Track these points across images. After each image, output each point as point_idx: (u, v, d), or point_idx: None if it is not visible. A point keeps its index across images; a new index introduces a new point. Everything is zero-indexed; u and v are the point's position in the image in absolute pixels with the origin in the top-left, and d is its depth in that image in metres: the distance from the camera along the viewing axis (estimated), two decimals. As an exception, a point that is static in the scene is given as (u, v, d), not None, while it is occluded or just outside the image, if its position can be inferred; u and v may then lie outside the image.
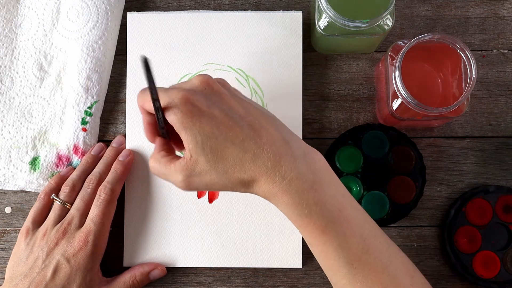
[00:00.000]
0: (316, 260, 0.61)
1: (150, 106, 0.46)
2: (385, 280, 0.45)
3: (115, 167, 0.59)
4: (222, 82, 0.49)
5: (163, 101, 0.45)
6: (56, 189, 0.59)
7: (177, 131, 0.45)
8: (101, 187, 0.57)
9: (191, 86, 0.46)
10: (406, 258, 0.48)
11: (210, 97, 0.45)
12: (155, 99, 0.44)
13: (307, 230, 0.45)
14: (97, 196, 0.57)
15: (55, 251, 0.55)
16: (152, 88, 0.43)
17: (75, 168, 0.60)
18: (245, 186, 0.45)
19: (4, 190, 0.62)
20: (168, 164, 0.46)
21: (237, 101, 0.46)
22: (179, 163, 0.45)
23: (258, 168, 0.44)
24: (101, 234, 0.56)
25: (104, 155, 0.60)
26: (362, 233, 0.45)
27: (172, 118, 0.45)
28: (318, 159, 0.46)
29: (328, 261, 0.46)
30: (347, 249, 0.45)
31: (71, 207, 0.57)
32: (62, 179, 0.59)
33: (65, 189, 0.58)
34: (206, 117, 0.44)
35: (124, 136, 0.61)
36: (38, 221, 0.58)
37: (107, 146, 0.61)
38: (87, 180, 0.58)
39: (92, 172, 0.59)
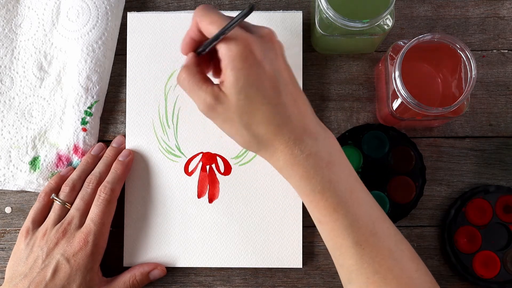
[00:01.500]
0: (316, 260, 0.61)
1: (207, 27, 0.46)
2: (391, 264, 0.46)
3: (115, 167, 0.59)
4: (281, 46, 0.49)
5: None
6: (56, 189, 0.59)
7: (222, 65, 0.46)
8: (101, 187, 0.57)
9: (256, 33, 0.47)
10: (410, 246, 0.49)
11: (267, 52, 0.46)
12: (223, 32, 0.45)
13: (318, 206, 0.46)
14: (97, 196, 0.57)
15: (55, 251, 0.55)
16: (232, 24, 0.44)
17: (75, 168, 0.60)
18: (260, 146, 0.47)
19: (4, 190, 0.62)
20: (201, 82, 0.47)
21: (286, 68, 0.48)
22: (212, 88, 0.47)
23: (282, 136, 0.46)
24: (101, 234, 0.56)
25: (104, 155, 0.60)
26: (371, 216, 0.47)
27: (224, 51, 0.45)
28: (334, 143, 0.48)
29: (337, 240, 0.47)
30: (357, 229, 0.46)
31: (71, 207, 0.57)
32: (62, 179, 0.59)
33: (65, 189, 0.58)
34: (256, 67, 0.45)
35: (124, 136, 0.61)
36: (38, 221, 0.58)
37: (107, 146, 0.61)
38: (87, 180, 0.58)
39: (92, 172, 0.59)
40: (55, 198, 0.58)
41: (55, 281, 0.54)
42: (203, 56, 0.50)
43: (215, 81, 0.49)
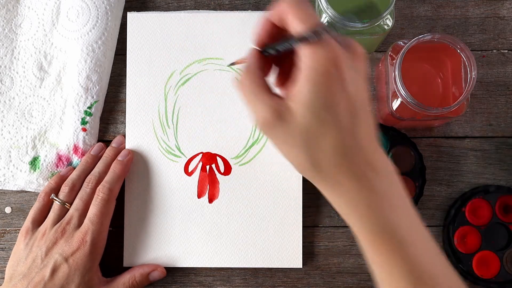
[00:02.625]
0: (316, 260, 0.61)
1: (295, 23, 0.39)
2: None
3: (114, 167, 0.59)
4: (366, 69, 0.42)
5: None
6: (56, 189, 0.59)
7: (299, 75, 0.39)
8: (100, 187, 0.57)
9: (346, 46, 0.40)
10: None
11: (354, 71, 0.40)
12: (316, 35, 0.37)
13: (377, 248, 0.41)
14: (95, 196, 0.57)
15: (53, 250, 0.55)
16: (326, 28, 0.37)
17: (75, 168, 0.60)
18: (319, 175, 0.41)
19: (4, 190, 0.62)
20: (263, 90, 0.40)
21: (367, 93, 0.41)
22: (276, 101, 0.40)
23: (346, 169, 0.40)
24: (99, 233, 0.56)
25: (103, 155, 0.60)
26: (433, 263, 0.42)
27: (307, 59, 0.38)
28: (398, 180, 0.43)
29: (394, 285, 0.42)
30: (417, 276, 0.41)
31: (70, 207, 0.57)
32: (62, 179, 0.59)
33: (64, 189, 0.58)
34: (338, 86, 0.38)
35: (124, 136, 0.61)
36: (38, 221, 0.58)
37: (107, 146, 0.61)
38: (86, 180, 0.58)
39: (92, 172, 0.59)
40: (54, 198, 0.58)
41: (53, 281, 0.53)
42: (267, 58, 0.43)
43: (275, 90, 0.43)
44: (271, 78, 0.44)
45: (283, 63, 0.43)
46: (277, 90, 0.42)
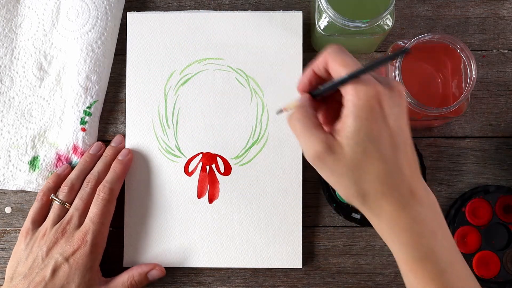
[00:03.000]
0: (316, 260, 0.61)
1: (337, 68, 0.43)
2: None
3: (114, 166, 0.59)
4: (405, 103, 0.46)
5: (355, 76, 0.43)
6: (54, 188, 0.59)
7: (344, 112, 0.43)
8: (100, 187, 0.57)
9: (385, 83, 0.44)
10: None
11: (394, 106, 0.43)
12: (355, 75, 0.42)
13: (417, 275, 0.44)
14: (96, 195, 0.57)
15: (54, 250, 0.55)
16: (370, 67, 0.42)
17: (72, 167, 0.60)
18: (364, 203, 0.44)
19: (4, 190, 0.62)
20: (314, 126, 0.44)
21: (408, 126, 0.44)
22: (325, 135, 0.43)
23: (391, 198, 0.43)
24: (100, 233, 0.56)
25: (103, 155, 0.60)
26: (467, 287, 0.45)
27: (351, 98, 0.42)
28: (438, 209, 0.45)
29: None
30: None
31: (70, 206, 0.57)
32: (60, 178, 0.60)
33: (64, 189, 0.58)
34: (381, 121, 0.42)
35: (124, 135, 0.61)
36: (38, 221, 0.58)
37: (106, 146, 0.61)
38: (86, 180, 0.58)
39: (91, 172, 0.59)
40: (54, 198, 0.58)
41: (54, 281, 0.54)
42: (315, 99, 0.47)
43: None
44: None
45: (330, 103, 0.47)
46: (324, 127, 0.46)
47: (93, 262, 0.55)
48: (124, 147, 0.61)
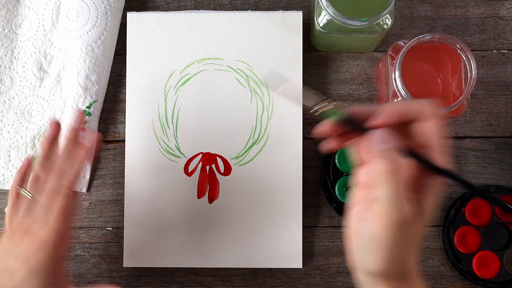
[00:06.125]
0: (316, 260, 0.61)
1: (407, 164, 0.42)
2: None
3: (75, 155, 0.53)
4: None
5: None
6: (21, 182, 0.54)
7: (427, 194, 0.44)
8: (60, 180, 0.52)
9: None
10: None
11: None
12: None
13: None
14: (56, 190, 0.51)
15: (17, 251, 0.50)
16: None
17: (34, 157, 0.56)
18: (376, 280, 0.45)
19: (4, 190, 0.62)
20: (411, 191, 0.42)
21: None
22: (417, 202, 0.43)
23: (392, 277, 0.44)
24: (62, 232, 0.50)
25: (64, 141, 0.55)
26: None
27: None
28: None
29: None
30: None
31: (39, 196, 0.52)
32: (23, 172, 0.55)
33: (30, 181, 0.53)
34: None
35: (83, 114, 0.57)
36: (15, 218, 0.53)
37: (106, 146, 0.61)
38: (47, 171, 0.53)
39: (51, 161, 0.53)
40: (22, 191, 0.53)
41: (12, 283, 0.49)
42: None
43: None
44: None
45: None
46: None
47: (56, 265, 0.50)
48: (88, 129, 0.57)
